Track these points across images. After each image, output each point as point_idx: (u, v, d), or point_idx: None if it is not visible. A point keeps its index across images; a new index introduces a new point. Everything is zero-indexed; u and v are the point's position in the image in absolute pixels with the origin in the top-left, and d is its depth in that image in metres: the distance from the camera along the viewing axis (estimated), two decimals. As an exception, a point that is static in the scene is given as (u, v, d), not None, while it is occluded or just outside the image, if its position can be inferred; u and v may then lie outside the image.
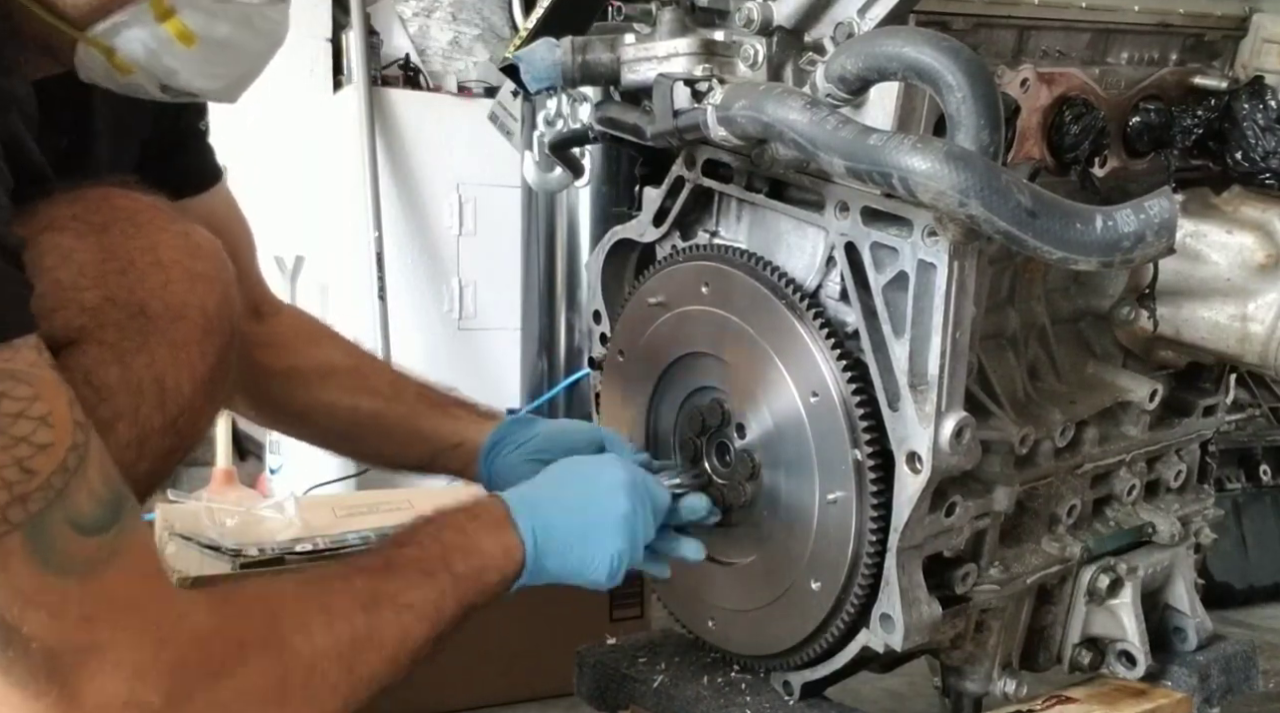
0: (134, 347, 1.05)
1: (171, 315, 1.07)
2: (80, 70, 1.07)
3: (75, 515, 0.90)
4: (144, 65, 1.06)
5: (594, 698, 1.55)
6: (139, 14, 1.03)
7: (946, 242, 1.17)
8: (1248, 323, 1.42)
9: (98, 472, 0.92)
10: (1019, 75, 1.33)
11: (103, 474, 0.93)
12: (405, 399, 1.52)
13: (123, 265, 1.06)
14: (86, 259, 1.04)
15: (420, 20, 4.56)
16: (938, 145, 1.07)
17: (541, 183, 2.50)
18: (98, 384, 1.03)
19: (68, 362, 1.01)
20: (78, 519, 0.90)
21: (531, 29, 1.45)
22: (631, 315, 1.49)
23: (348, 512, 2.32)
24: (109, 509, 0.92)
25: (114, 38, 1.04)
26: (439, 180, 4.38)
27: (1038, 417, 1.40)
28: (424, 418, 1.51)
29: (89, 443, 0.92)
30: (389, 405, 1.51)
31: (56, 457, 0.89)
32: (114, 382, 1.04)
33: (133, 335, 1.05)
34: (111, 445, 1.00)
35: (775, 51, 1.28)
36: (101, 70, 1.06)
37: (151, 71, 1.07)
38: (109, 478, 0.93)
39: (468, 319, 4.49)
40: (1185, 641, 1.59)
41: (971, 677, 1.45)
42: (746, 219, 1.41)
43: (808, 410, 1.29)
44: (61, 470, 0.89)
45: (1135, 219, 1.07)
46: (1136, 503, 1.55)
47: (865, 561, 1.26)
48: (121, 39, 1.04)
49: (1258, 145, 1.41)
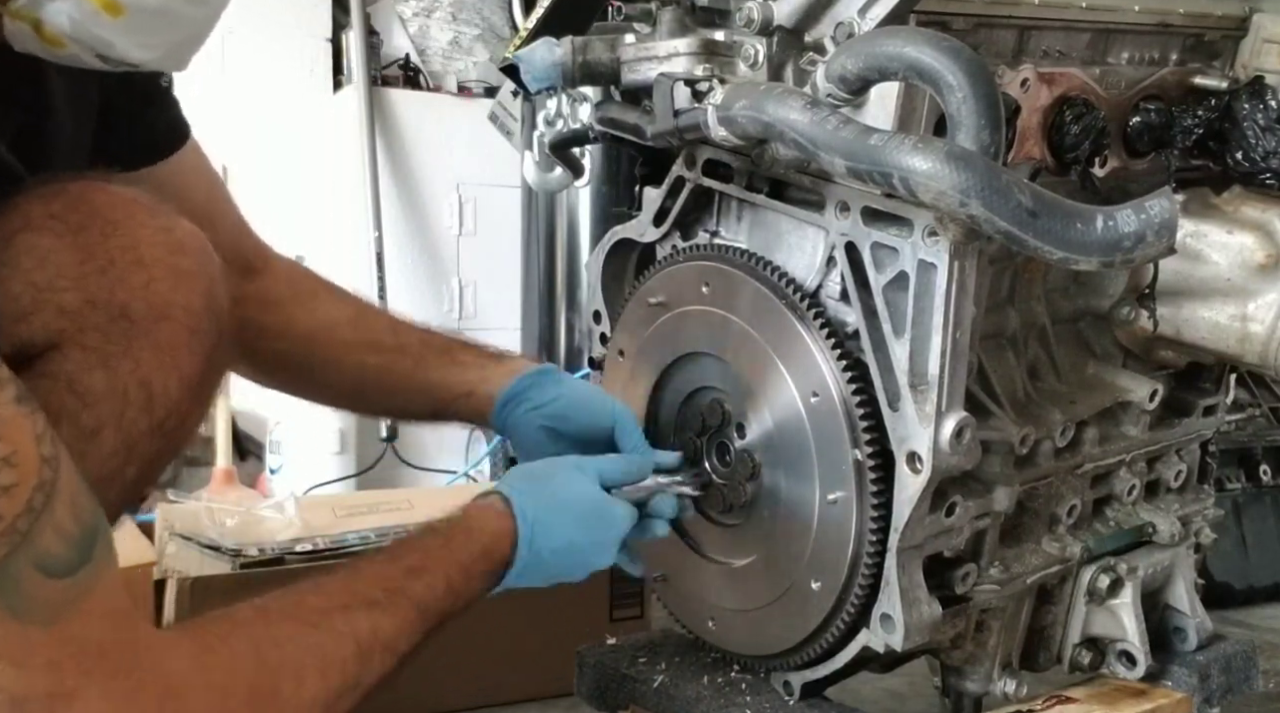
0: (118, 350, 1.01)
1: (155, 316, 1.03)
2: (14, 43, 1.01)
3: (42, 558, 0.85)
4: (73, 37, 0.99)
5: (594, 698, 1.55)
6: None
7: (947, 242, 1.17)
8: (1248, 323, 1.42)
9: (67, 509, 0.87)
10: (1019, 75, 1.33)
11: (73, 511, 0.88)
12: (410, 350, 1.47)
13: (102, 265, 1.02)
14: (65, 260, 1.00)
15: (420, 20, 4.55)
16: (938, 145, 1.07)
17: (541, 183, 2.50)
18: (81, 390, 0.99)
19: (48, 368, 0.98)
20: (44, 562, 0.85)
21: (531, 29, 1.45)
22: (631, 315, 1.49)
23: (348, 512, 2.31)
24: (78, 548, 0.88)
25: (38, 9, 0.97)
26: (439, 180, 4.38)
27: (1038, 417, 1.40)
28: (431, 369, 1.46)
29: (57, 478, 0.87)
30: (395, 359, 1.46)
31: (20, 499, 0.84)
32: (98, 387, 1.00)
33: (116, 338, 1.01)
34: (96, 454, 0.98)
35: (776, 51, 1.28)
36: (33, 43, 1.00)
37: (84, 43, 1.00)
38: (79, 513, 0.89)
39: (468, 319, 4.49)
40: (1185, 641, 1.59)
41: (971, 677, 1.45)
42: (747, 219, 1.41)
43: (808, 410, 1.29)
44: (27, 512, 0.84)
45: (1136, 219, 1.07)
46: (1137, 503, 1.55)
47: (865, 560, 1.26)
48: (46, 11, 0.97)
49: (1258, 145, 1.41)
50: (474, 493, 1.26)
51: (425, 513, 1.24)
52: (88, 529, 0.89)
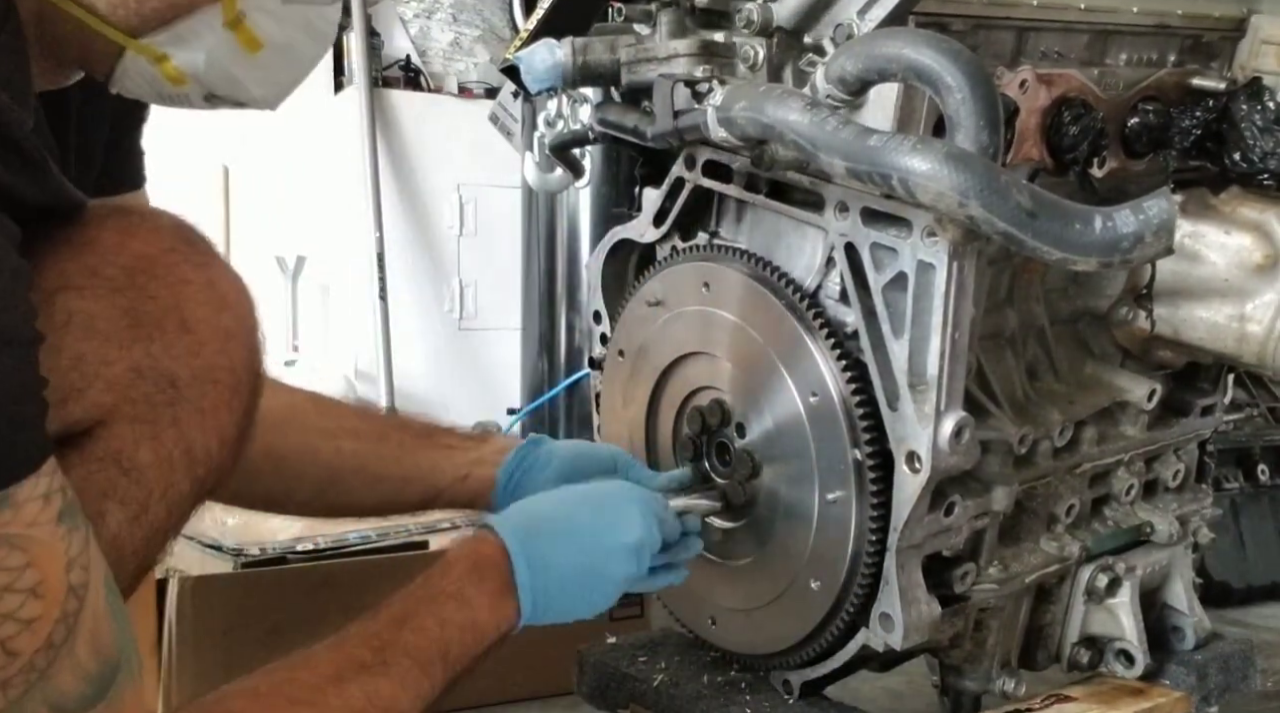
0: (165, 420, 0.98)
1: (200, 381, 0.99)
2: (115, 82, 1.00)
3: (57, 697, 0.83)
4: (202, 75, 0.99)
5: (594, 697, 1.56)
6: (208, 20, 0.97)
7: (946, 242, 1.17)
8: (1245, 323, 1.42)
9: (88, 644, 0.85)
10: (1018, 77, 1.33)
11: (94, 645, 0.85)
12: (389, 436, 1.39)
13: (149, 332, 0.97)
14: (110, 329, 0.96)
15: (421, 21, 4.56)
16: (937, 146, 1.08)
17: (542, 184, 2.50)
18: (129, 466, 0.96)
19: (96, 448, 0.95)
20: (59, 701, 0.83)
21: (532, 30, 1.45)
22: (631, 315, 1.49)
23: (348, 511, 2.31)
24: (96, 684, 0.85)
25: (173, 45, 0.97)
26: (440, 181, 4.39)
27: (1036, 417, 1.40)
28: (417, 453, 1.38)
29: (82, 609, 0.85)
30: (375, 446, 1.37)
31: (42, 634, 0.82)
32: (146, 461, 0.97)
33: (162, 407, 0.98)
34: (145, 525, 0.96)
35: (775, 53, 1.28)
36: (145, 81, 0.99)
37: (208, 81, 1.00)
38: (100, 647, 0.86)
39: (468, 319, 4.50)
40: (1183, 640, 1.59)
41: (970, 676, 1.45)
42: (746, 220, 1.42)
43: (807, 410, 1.30)
44: (46, 648, 0.82)
45: (1134, 220, 1.08)
46: (1135, 503, 1.55)
47: (865, 560, 1.27)
48: (182, 47, 0.97)
49: (1255, 146, 1.41)
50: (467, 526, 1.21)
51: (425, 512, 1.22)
52: (108, 664, 0.87)
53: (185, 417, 0.99)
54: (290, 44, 1.02)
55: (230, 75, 1.00)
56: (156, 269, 0.99)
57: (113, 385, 0.95)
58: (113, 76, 1.00)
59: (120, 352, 0.96)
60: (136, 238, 1.00)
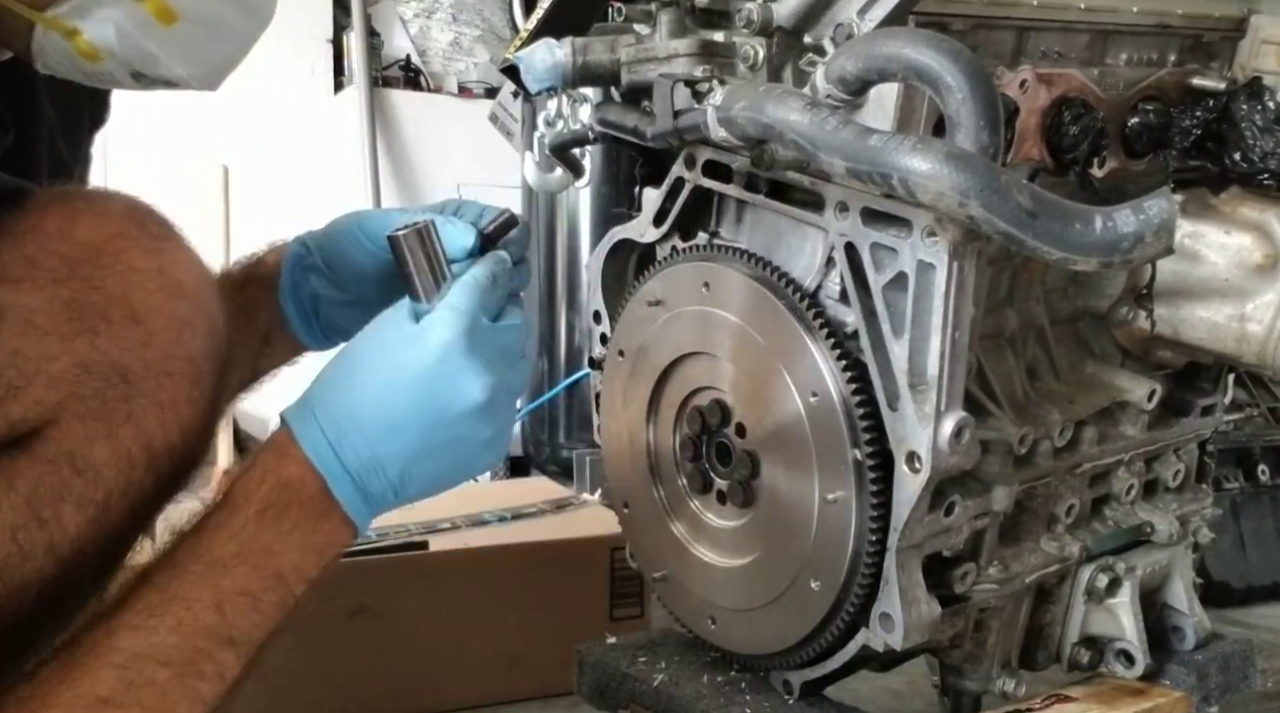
0: (120, 416, 0.93)
1: (155, 373, 0.94)
2: (37, 59, 0.95)
3: None
4: (116, 50, 0.94)
5: (594, 697, 1.56)
6: None
7: (946, 242, 1.17)
8: (1246, 323, 1.42)
9: None
10: (1018, 76, 1.33)
11: None
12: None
13: (93, 324, 0.91)
14: (50, 323, 0.90)
15: (421, 21, 4.56)
16: (937, 146, 1.08)
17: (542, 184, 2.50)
18: (83, 466, 0.92)
19: (47, 449, 0.90)
20: None
21: (532, 30, 1.45)
22: (631, 315, 1.49)
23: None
24: None
25: (80, 18, 0.92)
26: (440, 181, 4.39)
27: (1036, 417, 1.40)
28: None
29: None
30: None
31: None
32: (101, 459, 0.92)
33: (115, 403, 0.92)
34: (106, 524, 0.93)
35: (775, 52, 1.28)
36: (62, 57, 0.94)
37: (124, 57, 0.94)
38: None
39: (468, 319, 4.49)
40: (1183, 640, 1.59)
41: (970, 676, 1.45)
42: (746, 220, 1.42)
43: (807, 410, 1.29)
44: None
45: (1134, 220, 1.08)
46: (1135, 503, 1.55)
47: (865, 560, 1.27)
48: (89, 20, 0.92)
49: (1256, 146, 1.41)
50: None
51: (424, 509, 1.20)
52: None
53: (142, 411, 0.94)
54: (214, 17, 0.97)
55: (146, 51, 0.95)
56: (102, 257, 0.93)
57: (57, 382, 0.90)
58: (31, 53, 0.95)
59: (63, 346, 0.90)
60: (80, 225, 0.94)
